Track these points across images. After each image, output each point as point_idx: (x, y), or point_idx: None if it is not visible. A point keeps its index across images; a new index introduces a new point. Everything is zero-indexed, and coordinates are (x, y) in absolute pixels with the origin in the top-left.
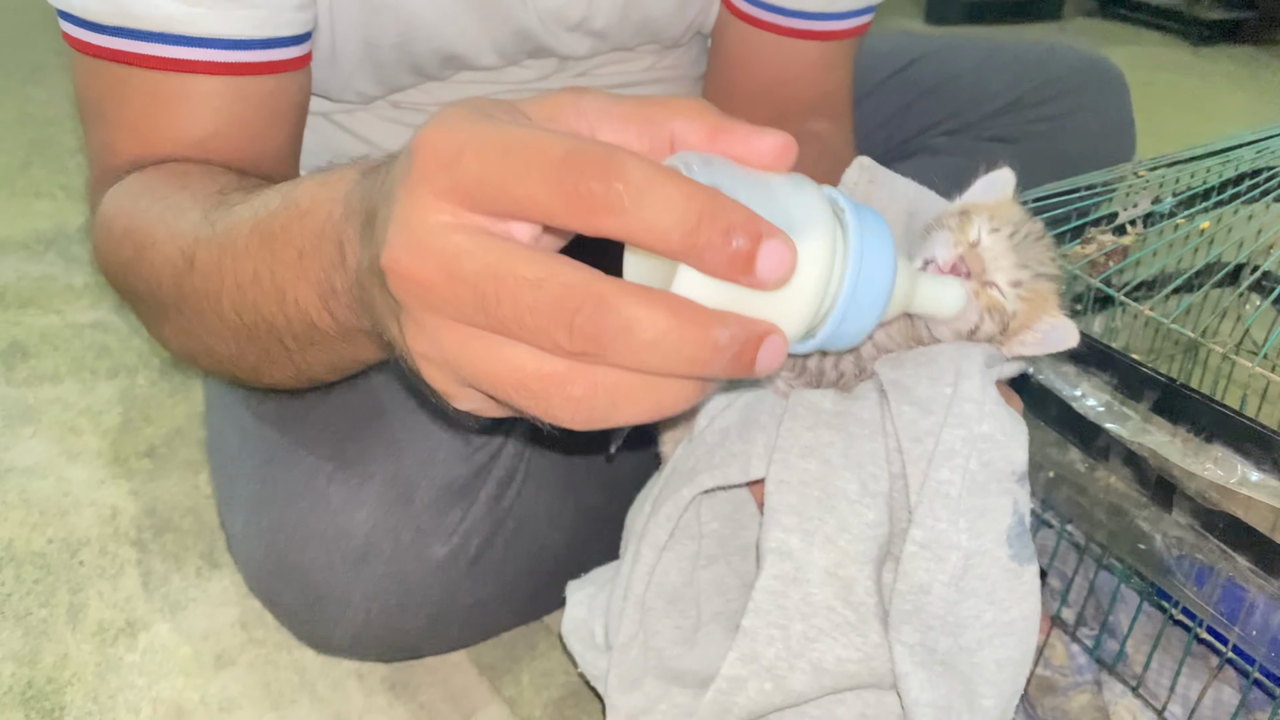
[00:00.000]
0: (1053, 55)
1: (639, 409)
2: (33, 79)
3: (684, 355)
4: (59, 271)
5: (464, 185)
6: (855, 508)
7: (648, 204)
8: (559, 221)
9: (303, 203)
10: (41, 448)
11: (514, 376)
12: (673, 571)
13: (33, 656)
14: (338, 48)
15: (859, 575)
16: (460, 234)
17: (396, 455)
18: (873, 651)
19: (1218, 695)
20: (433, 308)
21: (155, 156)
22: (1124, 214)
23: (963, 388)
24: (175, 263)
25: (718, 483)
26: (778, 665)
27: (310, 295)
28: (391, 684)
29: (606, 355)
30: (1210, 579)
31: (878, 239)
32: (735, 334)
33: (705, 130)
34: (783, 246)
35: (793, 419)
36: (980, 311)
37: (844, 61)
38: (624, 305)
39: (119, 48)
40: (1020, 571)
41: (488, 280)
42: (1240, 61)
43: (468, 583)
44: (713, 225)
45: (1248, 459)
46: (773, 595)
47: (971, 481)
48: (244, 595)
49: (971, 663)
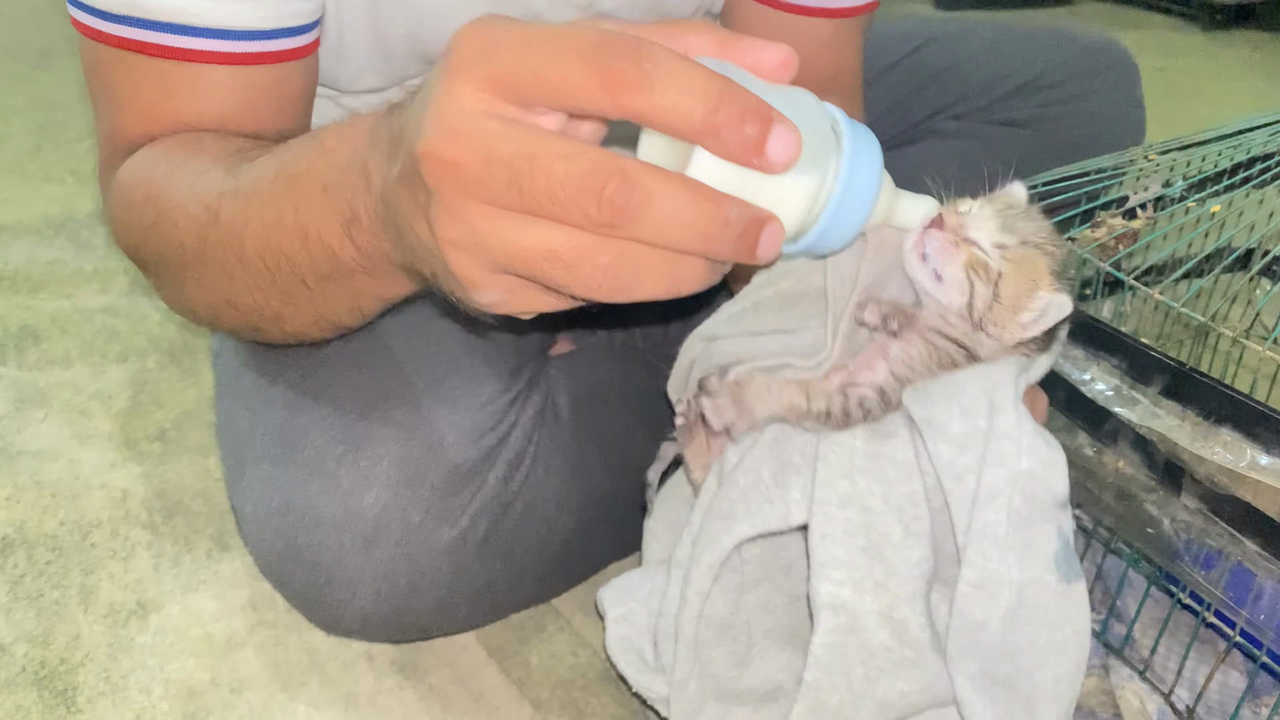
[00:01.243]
0: (1063, 39)
1: (659, 281)
2: (42, 64)
3: (698, 229)
4: (69, 256)
5: (499, 74)
6: (900, 551)
7: (674, 84)
8: (591, 102)
9: (328, 141)
10: (52, 431)
11: (545, 249)
12: (719, 604)
13: (45, 637)
14: (345, 40)
15: (911, 614)
16: (493, 120)
17: (406, 437)
18: (932, 680)
19: (1225, 679)
20: (467, 190)
21: (166, 134)
22: (1134, 198)
23: (998, 424)
24: (199, 218)
25: (758, 531)
26: (844, 709)
27: (333, 226)
28: (401, 665)
29: (630, 227)
30: (1218, 563)
31: (868, 150)
32: (742, 214)
33: (716, 42)
34: (790, 132)
35: (827, 467)
36: (964, 269)
37: (855, 39)
38: (647, 179)
39: (128, 36)
40: (1069, 590)
41: (522, 159)
42: (1252, 45)
43: (476, 565)
44: (730, 107)
45: (1257, 443)
46: (831, 649)
47: (1016, 518)
48: (254, 577)
49: (1031, 683)
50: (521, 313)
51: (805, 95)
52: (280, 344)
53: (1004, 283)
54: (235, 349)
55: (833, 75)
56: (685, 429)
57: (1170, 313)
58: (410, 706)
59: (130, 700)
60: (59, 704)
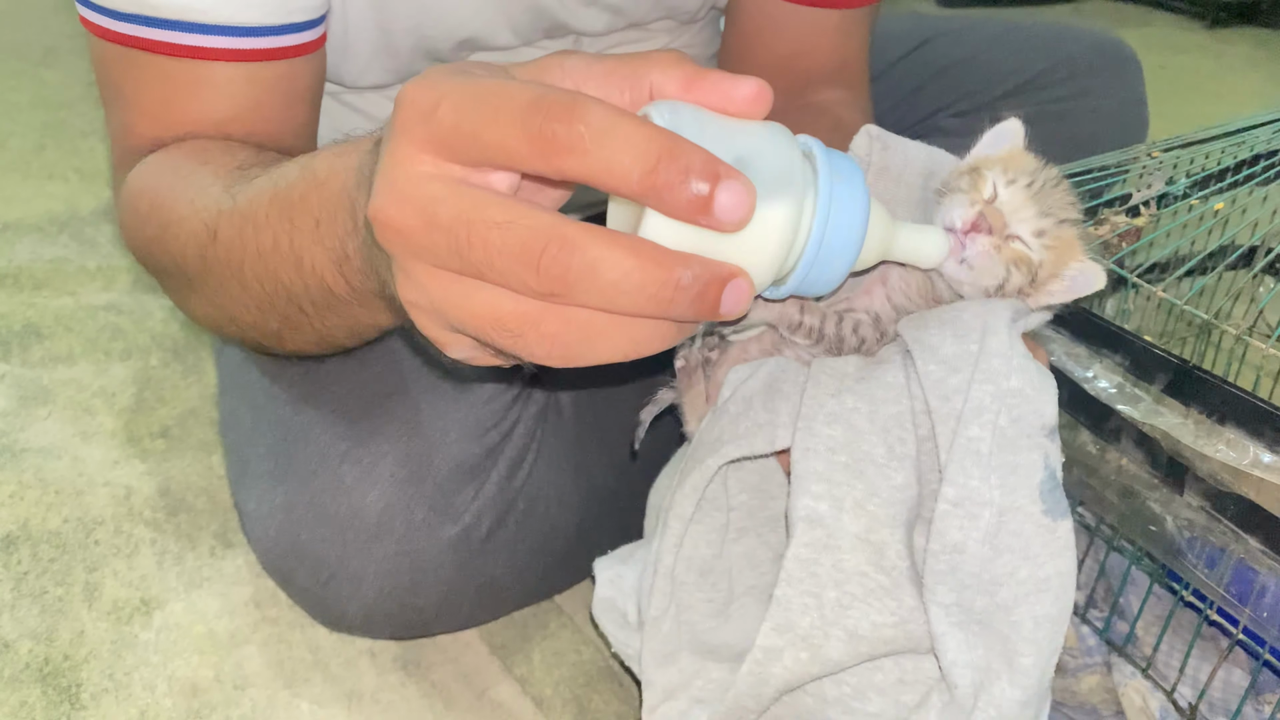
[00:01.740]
0: (1066, 36)
1: (614, 346)
2: (46, 62)
3: (648, 294)
4: (73, 254)
5: (440, 134)
6: (883, 471)
7: (608, 145)
8: (527, 165)
9: (320, 173)
10: (56, 428)
11: (492, 316)
12: (702, 544)
13: (49, 634)
14: (350, 36)
15: (890, 539)
16: (437, 183)
17: (409, 435)
18: (908, 615)
19: (1228, 677)
20: (415, 254)
21: (174, 136)
22: (1137, 195)
23: (989, 343)
24: (199, 236)
25: (743, 453)
26: (813, 634)
27: (325, 261)
28: (404, 662)
29: (574, 295)
30: (1221, 561)
31: (849, 186)
32: (698, 274)
33: (681, 80)
34: (741, 188)
35: (816, 386)
36: (1005, 265)
37: (862, 29)
38: (588, 246)
39: (135, 34)
40: (1054, 527)
41: (460, 225)
42: (1255, 43)
43: (479, 562)
44: (670, 166)
45: (1260, 441)
46: (804, 563)
47: (1002, 437)
48: (257, 574)
49: (1009, 621)
50: (496, 364)
51: (775, 133)
52: (281, 357)
53: (1043, 269)
54: (239, 347)
55: (838, 66)
56: (685, 374)
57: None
58: (413, 703)
59: (134, 697)
60: (63, 700)
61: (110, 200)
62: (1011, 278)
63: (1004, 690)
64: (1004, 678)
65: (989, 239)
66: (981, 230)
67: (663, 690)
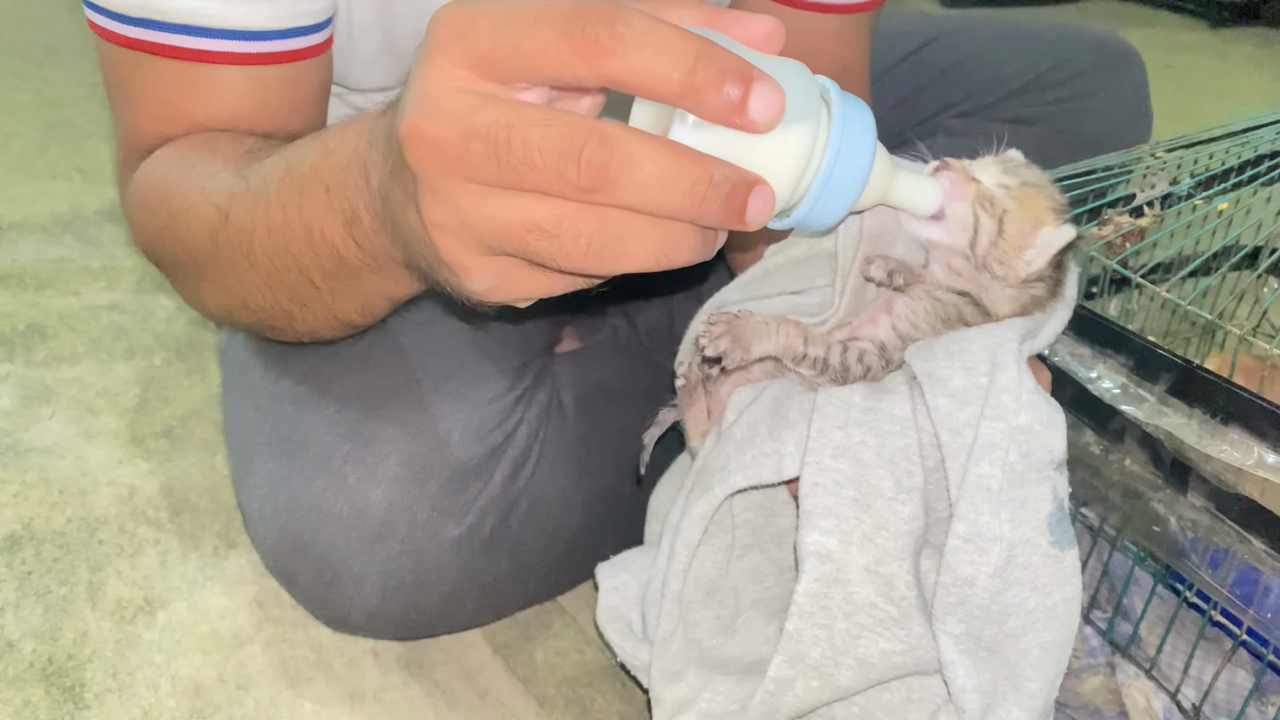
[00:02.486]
0: (1069, 36)
1: (647, 250)
2: (49, 61)
3: (683, 189)
4: (76, 254)
5: (478, 50)
6: (891, 505)
7: (649, 46)
8: (568, 71)
9: (330, 142)
10: (60, 428)
11: (528, 220)
12: (708, 564)
13: (53, 634)
14: (354, 37)
15: (899, 571)
16: (472, 95)
17: (412, 435)
18: (916, 643)
19: (1231, 678)
20: (448, 167)
21: (181, 134)
22: (1141, 195)
23: (999, 379)
24: (211, 220)
25: (750, 483)
26: (824, 664)
27: (335, 225)
28: (406, 662)
29: (612, 191)
30: (1225, 562)
31: (860, 123)
32: (729, 174)
33: (701, 15)
34: (772, 90)
35: (822, 418)
36: (972, 206)
37: (863, 34)
38: (627, 141)
39: (143, 38)
40: (1061, 556)
41: (499, 129)
42: (1259, 42)
43: (482, 562)
44: (709, 67)
45: (1264, 441)
46: (814, 598)
47: (1011, 473)
48: (260, 574)
49: (1017, 648)
50: (516, 299)
51: (794, 65)
52: (295, 342)
53: (1008, 219)
54: (242, 346)
55: (839, 70)
56: (686, 391)
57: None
58: (416, 703)
59: (137, 696)
60: (66, 700)
61: (114, 200)
62: (981, 224)
63: (1010, 712)
64: (1010, 699)
65: (950, 172)
66: (943, 169)
67: (672, 706)
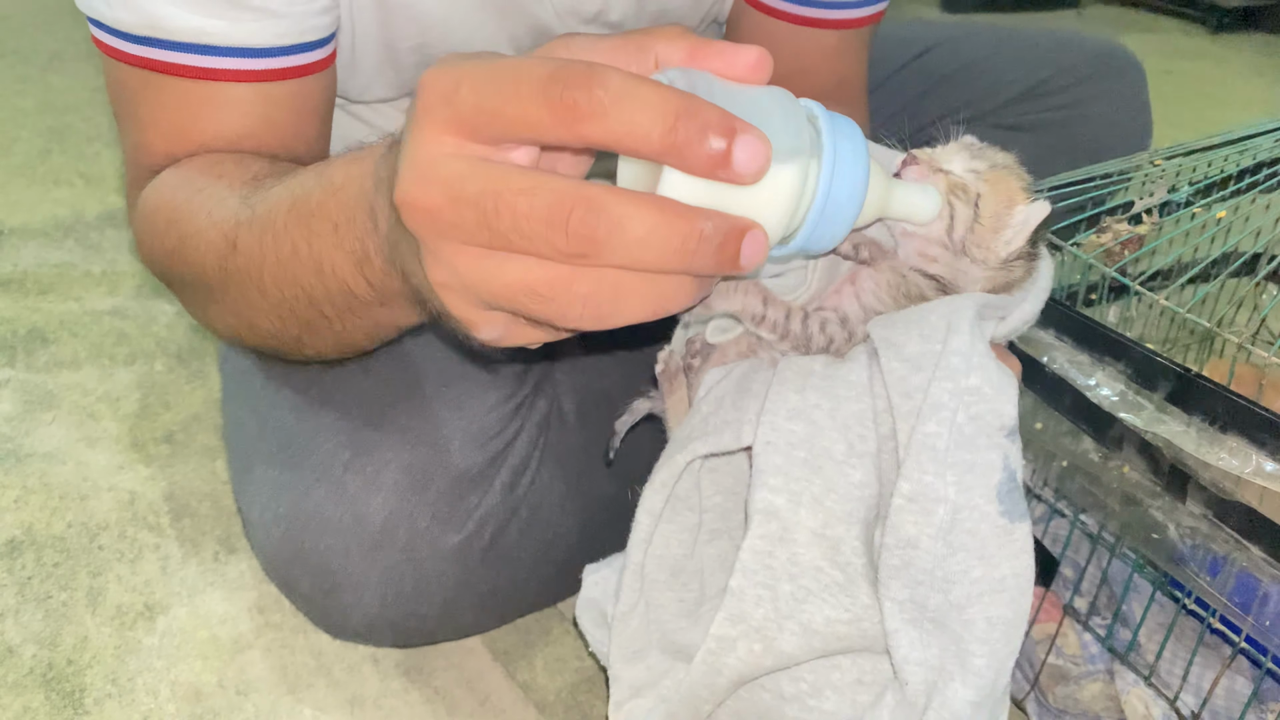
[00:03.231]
0: (1069, 42)
1: (643, 303)
2: (52, 67)
3: (673, 247)
4: (78, 259)
5: (462, 114)
6: (841, 468)
7: (628, 107)
8: (550, 134)
9: (336, 179)
10: (61, 433)
11: (524, 284)
12: (674, 543)
13: (53, 639)
14: (357, 51)
15: (846, 535)
16: (461, 161)
17: (412, 443)
18: (862, 613)
19: (1230, 685)
20: (443, 234)
21: (188, 152)
22: (1140, 203)
23: (951, 342)
24: (218, 247)
25: (711, 449)
26: (767, 626)
27: (346, 264)
28: (406, 669)
29: (603, 254)
30: (1224, 569)
31: (851, 146)
32: (718, 225)
33: (685, 50)
34: (757, 140)
35: (781, 383)
36: (944, 196)
37: (860, 48)
38: (613, 205)
39: (150, 56)
40: (1011, 529)
41: (487, 197)
42: (1260, 49)
43: (482, 569)
44: (689, 123)
45: (1262, 449)
46: (760, 555)
47: (959, 435)
48: (261, 580)
49: (962, 620)
50: (527, 344)
51: (779, 95)
52: (300, 362)
53: (983, 202)
54: (243, 353)
55: (837, 84)
56: (666, 378)
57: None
58: (416, 709)
59: (137, 702)
60: (66, 705)
61: (116, 205)
62: (957, 211)
63: (956, 690)
64: (957, 678)
65: (919, 166)
66: (910, 163)
67: (630, 687)
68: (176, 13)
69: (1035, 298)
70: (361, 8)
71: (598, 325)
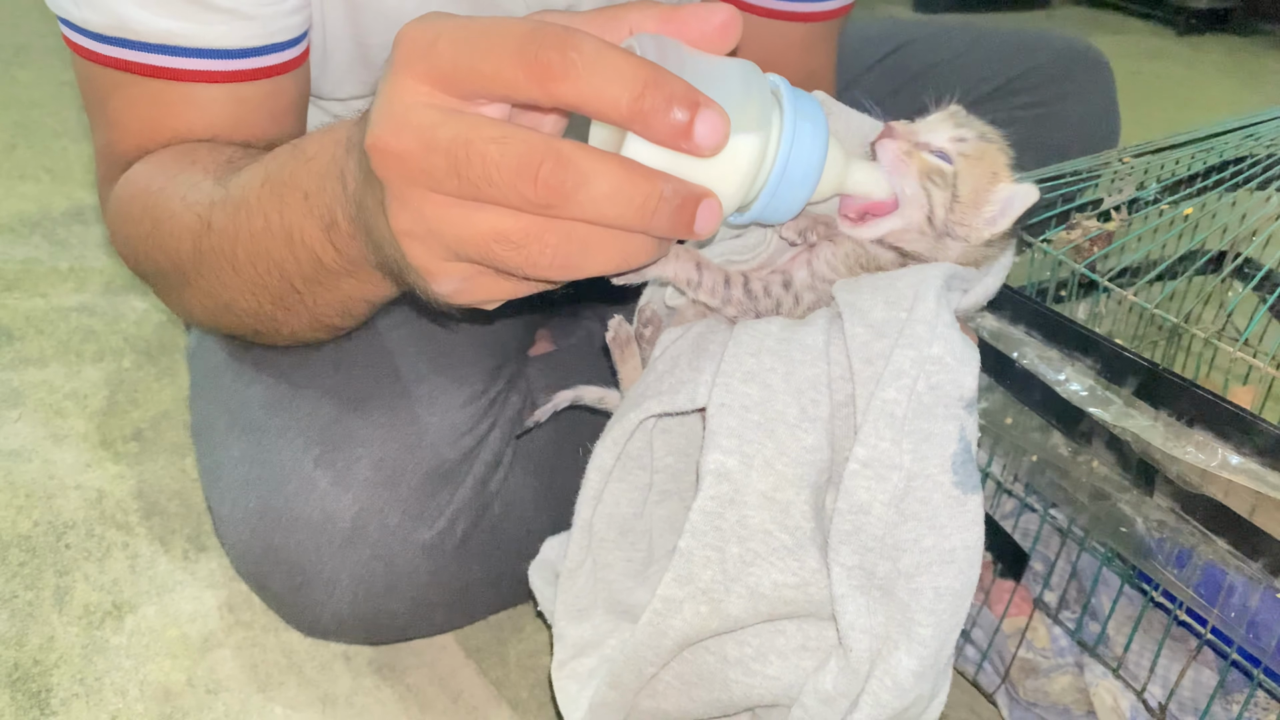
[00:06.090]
0: (1038, 42)
1: (608, 257)
2: (17, 61)
3: (635, 205)
4: (44, 255)
5: (439, 68)
6: (794, 432)
7: (599, 72)
8: (522, 91)
9: (309, 149)
10: (27, 431)
11: (494, 232)
12: (624, 502)
13: (19, 639)
14: (329, 50)
15: (795, 499)
16: (435, 110)
17: (383, 439)
18: (809, 578)
19: (1197, 676)
20: (412, 179)
21: (161, 146)
22: (1109, 200)
23: (917, 310)
24: (193, 228)
25: (665, 409)
26: (714, 588)
27: (315, 230)
28: (379, 666)
29: (568, 206)
30: (1190, 562)
31: (811, 122)
32: (677, 189)
33: (657, 17)
34: (717, 116)
35: (737, 345)
36: (919, 180)
37: (828, 42)
38: (581, 160)
39: (120, 56)
40: (964, 500)
41: (459, 144)
42: (1226, 50)
43: (454, 566)
44: (655, 94)
45: (1228, 443)
46: (709, 516)
47: (918, 403)
48: (231, 578)
49: (910, 589)
50: (482, 302)
51: (746, 69)
52: (279, 346)
53: (961, 180)
54: (212, 348)
55: (806, 77)
56: (618, 346)
57: (1144, 314)
58: (388, 707)
59: (105, 702)
60: (33, 706)
61: (83, 201)
62: (933, 197)
63: (901, 660)
64: (901, 647)
65: (896, 144)
66: (887, 136)
67: (574, 645)
68: (144, 15)
69: (996, 273)
70: (332, 6)
71: (564, 275)
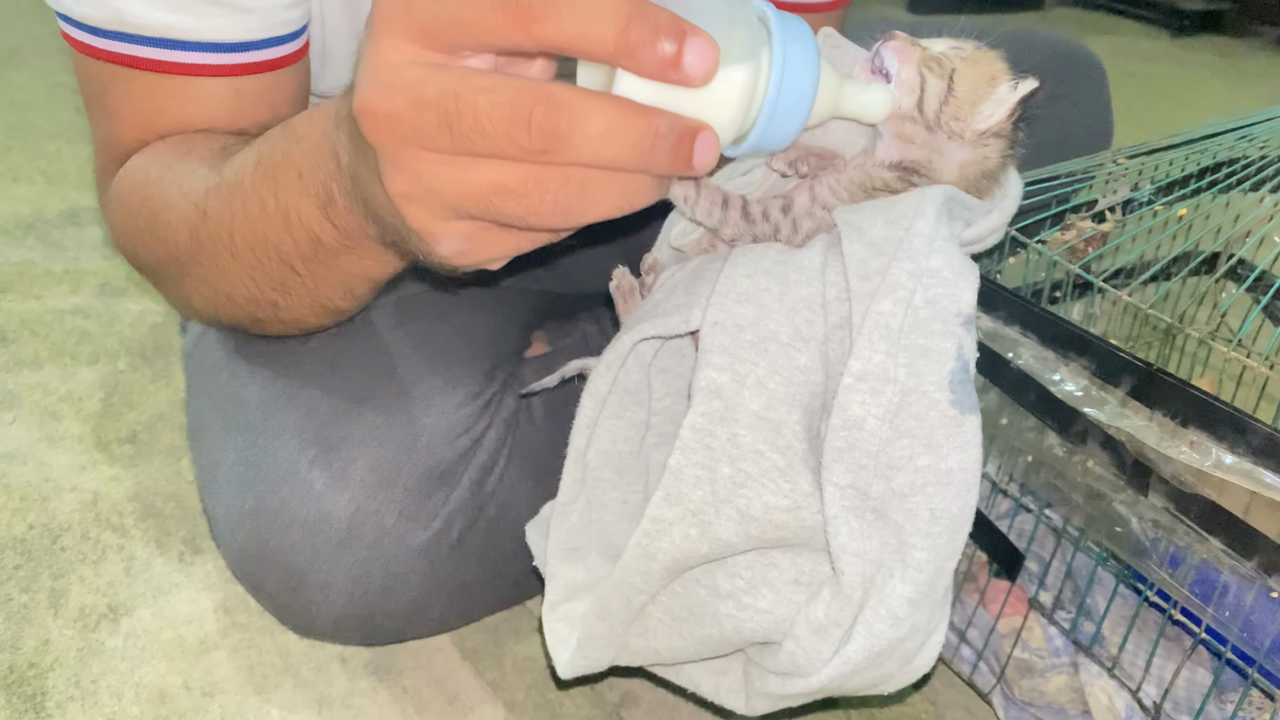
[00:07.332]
0: (1032, 43)
1: (609, 200)
2: (10, 62)
3: (631, 143)
4: (39, 257)
5: (420, 22)
6: (787, 351)
7: (581, 10)
8: (506, 37)
9: (300, 129)
10: (22, 433)
11: (493, 184)
12: (620, 439)
13: (14, 642)
14: (329, 45)
15: (788, 418)
16: (420, 67)
17: (379, 440)
18: (801, 500)
19: (1191, 676)
20: (405, 139)
21: (158, 138)
22: (1103, 201)
23: (916, 225)
24: (190, 217)
25: (659, 332)
26: (704, 510)
27: (311, 209)
28: (375, 668)
29: (565, 150)
30: (1185, 561)
31: (800, 47)
32: (673, 124)
33: None
34: (705, 44)
35: (733, 266)
36: (918, 68)
37: None
38: (574, 101)
39: (118, 50)
40: (961, 420)
41: (448, 98)
42: (1219, 51)
43: (450, 567)
44: (641, 26)
45: (1222, 443)
46: (700, 433)
47: (915, 317)
48: (227, 580)
49: (904, 509)
50: (486, 261)
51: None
52: (281, 334)
53: (959, 77)
54: (208, 350)
55: None
56: (621, 295)
57: (1139, 314)
58: (384, 708)
59: (101, 705)
60: (28, 709)
61: (78, 203)
62: (928, 84)
63: (895, 587)
64: (896, 574)
65: (896, 41)
66: (890, 39)
67: (566, 587)
68: (142, 9)
69: (1002, 209)
70: (331, 2)
71: (566, 222)
